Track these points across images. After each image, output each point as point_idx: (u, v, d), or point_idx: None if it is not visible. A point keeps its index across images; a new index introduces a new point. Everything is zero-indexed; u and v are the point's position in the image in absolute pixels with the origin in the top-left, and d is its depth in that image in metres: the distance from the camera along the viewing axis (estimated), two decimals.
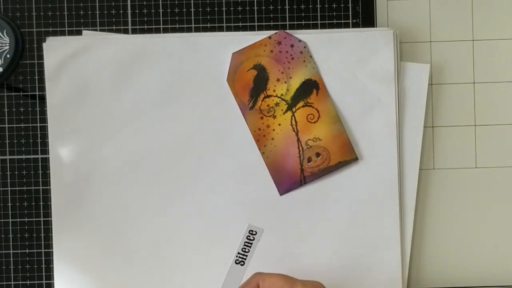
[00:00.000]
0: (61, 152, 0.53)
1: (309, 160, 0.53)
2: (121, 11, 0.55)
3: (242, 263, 0.45)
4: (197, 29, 0.55)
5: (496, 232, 0.54)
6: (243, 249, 0.45)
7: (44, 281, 0.54)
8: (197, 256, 0.53)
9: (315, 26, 0.55)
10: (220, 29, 0.55)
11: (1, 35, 0.53)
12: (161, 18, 0.55)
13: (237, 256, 0.45)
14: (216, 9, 0.55)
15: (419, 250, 0.54)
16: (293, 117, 0.53)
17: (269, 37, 0.53)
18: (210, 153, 0.54)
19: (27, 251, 0.55)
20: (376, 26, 0.55)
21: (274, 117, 0.53)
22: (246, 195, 0.53)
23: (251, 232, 0.46)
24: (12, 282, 0.54)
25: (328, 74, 0.53)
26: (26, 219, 0.55)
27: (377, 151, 0.53)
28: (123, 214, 0.53)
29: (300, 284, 0.46)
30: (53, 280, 0.53)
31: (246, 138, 0.53)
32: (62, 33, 0.55)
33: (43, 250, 0.54)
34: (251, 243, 0.45)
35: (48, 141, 0.54)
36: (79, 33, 0.55)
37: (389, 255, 0.53)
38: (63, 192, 0.53)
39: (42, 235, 0.54)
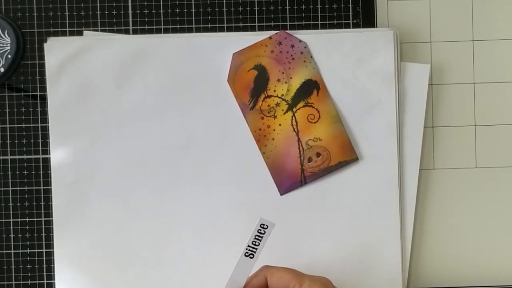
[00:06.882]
0: (62, 152, 0.53)
1: (310, 160, 0.53)
2: (122, 12, 0.55)
3: (252, 256, 0.45)
4: (198, 30, 0.55)
5: (496, 232, 0.54)
6: (253, 242, 0.45)
7: (45, 281, 0.54)
8: (197, 256, 0.53)
9: (315, 27, 0.55)
10: (221, 29, 0.55)
11: (2, 36, 0.53)
12: (161, 19, 0.55)
13: (246, 249, 0.45)
14: (216, 9, 0.55)
15: (419, 250, 0.54)
16: (293, 117, 0.53)
17: (270, 38, 0.53)
18: (211, 153, 0.54)
19: (28, 251, 0.55)
20: (376, 27, 0.55)
21: (275, 117, 0.53)
22: (247, 195, 0.53)
23: (262, 225, 0.46)
24: (13, 282, 0.54)
25: (328, 74, 0.53)
26: (27, 219, 0.55)
27: (377, 151, 0.53)
28: (123, 214, 0.54)
29: (308, 279, 0.45)
30: (54, 280, 0.54)
31: (246, 138, 0.54)
32: (63, 34, 0.55)
33: (44, 250, 0.55)
34: (261, 237, 0.46)
35: (49, 141, 0.54)
36: (80, 33, 0.55)
37: (389, 255, 0.53)
38: (64, 192, 0.53)
39: (43, 235, 0.55)
